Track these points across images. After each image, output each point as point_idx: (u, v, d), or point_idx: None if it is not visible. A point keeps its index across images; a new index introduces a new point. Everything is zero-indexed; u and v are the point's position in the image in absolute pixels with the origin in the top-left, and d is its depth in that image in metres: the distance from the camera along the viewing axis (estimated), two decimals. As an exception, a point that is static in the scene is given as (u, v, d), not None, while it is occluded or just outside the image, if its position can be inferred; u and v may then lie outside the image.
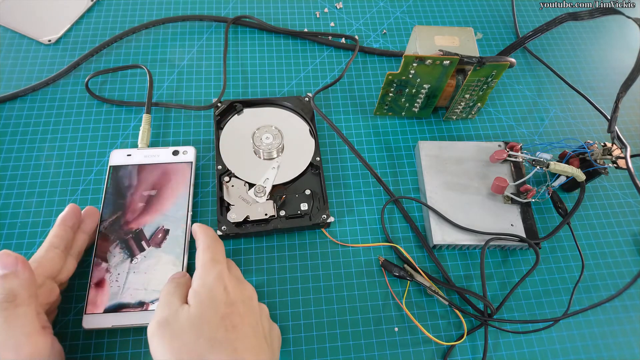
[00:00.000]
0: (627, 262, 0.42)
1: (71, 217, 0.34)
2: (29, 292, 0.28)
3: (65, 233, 0.33)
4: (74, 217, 0.35)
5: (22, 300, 0.27)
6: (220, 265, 0.31)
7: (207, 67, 0.49)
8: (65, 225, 0.34)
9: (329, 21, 0.55)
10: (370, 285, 0.39)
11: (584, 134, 0.49)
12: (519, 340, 0.37)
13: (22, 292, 0.27)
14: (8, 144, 0.43)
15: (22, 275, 0.28)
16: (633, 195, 0.45)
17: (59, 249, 0.33)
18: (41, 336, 0.27)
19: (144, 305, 0.34)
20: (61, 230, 0.33)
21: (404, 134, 0.47)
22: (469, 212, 0.40)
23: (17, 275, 0.28)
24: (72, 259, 0.34)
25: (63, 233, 0.33)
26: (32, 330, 0.27)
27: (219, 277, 0.30)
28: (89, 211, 0.36)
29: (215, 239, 0.33)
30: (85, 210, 0.36)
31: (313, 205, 0.40)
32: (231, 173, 0.41)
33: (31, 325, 0.27)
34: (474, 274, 0.40)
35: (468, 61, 0.40)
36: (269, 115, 0.45)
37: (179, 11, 0.53)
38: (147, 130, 0.42)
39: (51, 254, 0.32)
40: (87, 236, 0.36)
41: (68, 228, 0.34)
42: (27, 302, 0.27)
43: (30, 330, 0.27)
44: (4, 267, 0.28)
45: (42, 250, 0.32)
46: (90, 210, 0.36)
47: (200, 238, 0.33)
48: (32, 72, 0.47)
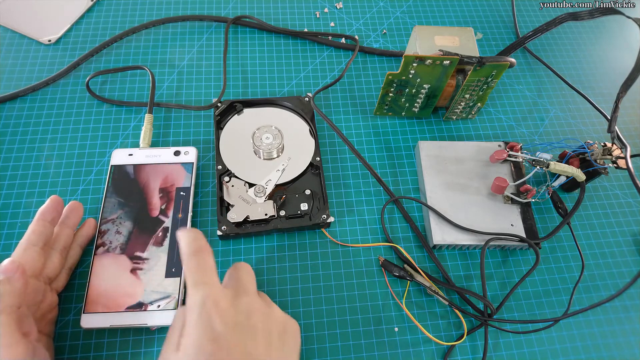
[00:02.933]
0: (627, 262, 0.42)
1: (51, 210, 0.33)
2: (13, 301, 0.27)
3: (44, 228, 0.33)
4: (54, 210, 0.34)
5: (4, 307, 0.27)
6: (202, 289, 0.27)
7: (207, 67, 0.49)
8: (44, 220, 0.33)
9: (329, 21, 0.55)
10: (370, 285, 0.39)
11: (584, 134, 0.49)
12: (519, 340, 0.37)
13: (6, 299, 0.27)
14: (8, 144, 0.43)
15: (15, 284, 0.28)
16: (633, 195, 0.45)
17: (37, 246, 0.32)
18: (20, 346, 0.26)
19: (142, 305, 0.34)
20: (39, 226, 0.32)
21: (404, 134, 0.47)
22: (469, 212, 0.40)
23: (10, 282, 0.27)
24: (56, 254, 0.33)
25: (42, 229, 0.32)
26: (11, 340, 0.26)
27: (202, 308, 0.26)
28: (72, 205, 0.36)
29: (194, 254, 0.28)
30: (69, 205, 0.36)
31: (313, 205, 0.40)
32: (231, 173, 0.41)
33: (9, 335, 0.26)
34: (474, 274, 0.40)
35: (468, 61, 0.40)
36: (269, 115, 0.45)
37: (179, 11, 0.53)
38: (149, 130, 0.42)
39: (30, 252, 0.31)
40: (71, 230, 0.35)
41: (47, 223, 0.33)
42: (8, 311, 0.27)
43: (9, 341, 0.26)
44: (3, 273, 0.28)
45: (19, 249, 0.31)
46: (73, 205, 0.36)
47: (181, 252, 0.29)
48: (32, 72, 0.47)
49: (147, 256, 0.36)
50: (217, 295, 0.27)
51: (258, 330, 0.28)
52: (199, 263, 0.28)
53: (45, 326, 0.32)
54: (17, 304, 0.28)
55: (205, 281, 0.27)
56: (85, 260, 0.37)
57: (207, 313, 0.26)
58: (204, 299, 0.26)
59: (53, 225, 0.34)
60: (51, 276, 0.33)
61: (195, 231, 0.29)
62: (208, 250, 0.29)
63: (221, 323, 0.26)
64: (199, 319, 0.26)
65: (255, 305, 0.29)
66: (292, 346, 0.30)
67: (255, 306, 0.29)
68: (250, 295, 0.29)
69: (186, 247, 0.29)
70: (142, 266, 0.36)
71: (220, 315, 0.26)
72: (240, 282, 0.30)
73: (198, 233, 0.29)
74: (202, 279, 0.27)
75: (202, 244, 0.29)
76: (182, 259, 0.28)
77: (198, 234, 0.29)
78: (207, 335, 0.26)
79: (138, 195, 0.39)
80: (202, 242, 0.29)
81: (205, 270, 0.28)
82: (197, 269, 0.28)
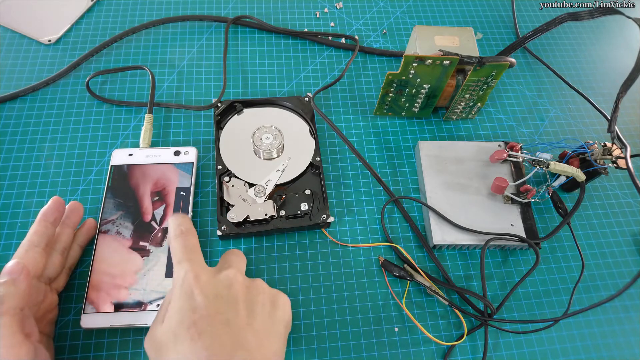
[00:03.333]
0: (627, 262, 0.42)
1: (53, 211, 0.34)
2: (17, 302, 0.27)
3: (46, 229, 0.33)
4: (56, 211, 0.34)
5: (7, 309, 0.27)
6: (184, 265, 0.29)
7: (207, 67, 0.49)
8: (46, 221, 0.33)
9: (329, 21, 0.55)
10: (370, 285, 0.39)
11: (584, 134, 0.49)
12: (519, 340, 0.37)
13: (10, 301, 0.27)
14: (8, 144, 0.43)
15: (19, 285, 0.28)
16: (633, 195, 0.45)
17: (39, 247, 0.32)
18: (22, 347, 0.27)
19: (142, 305, 0.34)
20: (41, 226, 0.33)
21: (404, 134, 0.47)
22: (469, 212, 0.40)
23: (15, 283, 0.28)
24: (57, 255, 0.34)
25: (43, 229, 0.33)
26: (14, 341, 0.26)
27: (183, 281, 0.28)
28: (73, 206, 0.36)
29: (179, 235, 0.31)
30: (69, 205, 0.36)
31: (313, 205, 0.40)
32: (231, 173, 0.41)
33: (11, 337, 0.26)
34: (474, 274, 0.40)
35: (468, 61, 0.40)
36: (269, 115, 0.45)
37: (179, 11, 0.53)
38: (149, 130, 0.42)
39: (32, 253, 0.31)
40: (72, 230, 0.36)
41: (49, 224, 0.33)
42: (12, 313, 0.27)
43: (11, 342, 0.26)
44: (9, 274, 0.28)
45: (21, 249, 0.31)
46: (74, 205, 0.36)
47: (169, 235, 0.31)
48: (32, 72, 0.47)
49: (147, 256, 0.36)
50: (199, 270, 0.29)
51: (239, 300, 0.29)
52: (183, 243, 0.31)
53: (45, 326, 0.32)
54: (21, 306, 0.28)
55: (188, 258, 0.30)
56: (85, 260, 0.37)
57: (189, 286, 0.28)
58: (186, 273, 0.29)
59: (55, 226, 0.34)
60: (52, 276, 0.33)
61: (183, 216, 0.32)
62: (192, 232, 0.32)
63: (200, 294, 0.28)
64: (180, 291, 0.28)
65: (237, 277, 0.30)
66: (279, 317, 0.31)
67: (237, 278, 0.30)
68: (232, 269, 0.31)
69: (172, 231, 0.31)
70: (142, 266, 0.36)
71: (201, 288, 0.28)
72: (226, 260, 0.32)
73: (185, 218, 0.32)
74: (185, 256, 0.30)
75: (187, 227, 0.32)
76: (169, 242, 0.31)
77: (184, 219, 0.32)
78: (188, 305, 0.27)
79: (138, 195, 0.39)
80: (187, 225, 0.32)
81: (188, 249, 0.30)
82: (181, 248, 0.30)
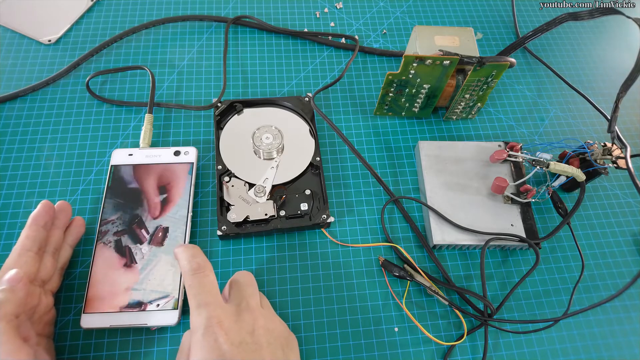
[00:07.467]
0: (627, 262, 0.42)
1: (43, 215, 0.34)
2: (14, 309, 0.28)
3: (38, 233, 0.33)
4: (47, 215, 0.34)
5: (3, 315, 0.27)
6: (206, 309, 0.28)
7: (207, 67, 0.49)
8: (37, 225, 0.33)
9: (329, 21, 0.55)
10: (370, 285, 0.39)
11: (584, 134, 0.49)
12: (519, 340, 0.37)
13: (7, 307, 0.27)
14: (8, 144, 0.43)
15: (18, 293, 0.28)
16: (633, 195, 0.45)
17: (32, 251, 0.32)
18: (22, 351, 0.27)
19: (142, 305, 0.34)
20: (32, 231, 0.33)
21: (404, 134, 0.47)
22: (469, 212, 0.40)
23: (13, 291, 0.28)
24: (48, 257, 0.34)
25: (35, 234, 0.33)
26: (13, 347, 0.26)
27: (206, 330, 0.27)
28: (61, 206, 0.36)
29: (194, 272, 0.29)
30: (57, 205, 0.36)
31: (313, 205, 0.40)
32: (231, 173, 0.41)
33: (11, 342, 0.27)
34: (474, 274, 0.40)
35: (468, 61, 0.40)
36: (269, 115, 0.45)
37: (179, 11, 0.53)
38: (149, 130, 0.42)
39: (24, 258, 0.31)
40: (61, 231, 0.35)
41: (40, 228, 0.33)
42: (8, 319, 0.27)
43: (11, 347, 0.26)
44: (8, 282, 0.28)
45: (14, 254, 0.31)
46: (61, 205, 0.36)
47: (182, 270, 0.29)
48: (32, 72, 0.47)
49: (147, 256, 0.36)
50: (221, 315, 0.28)
51: (263, 346, 0.28)
52: (200, 282, 0.29)
53: (43, 328, 0.32)
54: (17, 313, 0.28)
55: (208, 301, 0.28)
56: (85, 260, 0.37)
57: (212, 333, 0.27)
58: (208, 320, 0.27)
59: (46, 229, 0.34)
60: (45, 279, 0.33)
61: (194, 247, 0.30)
62: (208, 267, 0.30)
63: (226, 342, 0.27)
64: (204, 339, 0.27)
65: (259, 321, 0.29)
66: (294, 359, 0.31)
67: (259, 322, 0.29)
68: (252, 310, 0.30)
69: (186, 265, 0.29)
70: (142, 266, 0.36)
71: (225, 334, 0.27)
72: (242, 295, 0.31)
73: (196, 249, 0.30)
74: (205, 299, 0.28)
75: (202, 261, 0.30)
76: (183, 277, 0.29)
77: (196, 250, 0.30)
78: (213, 354, 0.26)
79: (138, 196, 0.39)
80: (201, 258, 0.30)
81: (207, 290, 0.28)
82: (200, 290, 0.28)
